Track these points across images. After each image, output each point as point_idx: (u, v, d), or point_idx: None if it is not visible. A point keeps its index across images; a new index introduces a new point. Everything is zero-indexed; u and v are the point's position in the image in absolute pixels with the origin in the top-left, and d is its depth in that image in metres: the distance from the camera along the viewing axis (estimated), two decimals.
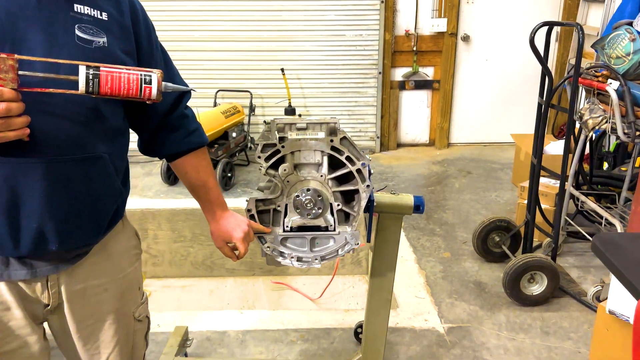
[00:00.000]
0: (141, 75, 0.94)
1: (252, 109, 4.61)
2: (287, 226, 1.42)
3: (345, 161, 1.38)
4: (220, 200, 1.35)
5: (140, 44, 1.11)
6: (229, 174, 4.06)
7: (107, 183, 1.09)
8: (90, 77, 0.90)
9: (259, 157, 1.38)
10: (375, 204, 1.58)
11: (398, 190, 4.33)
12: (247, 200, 1.43)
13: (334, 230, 1.43)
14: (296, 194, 1.37)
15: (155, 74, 0.95)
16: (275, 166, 1.39)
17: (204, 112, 4.05)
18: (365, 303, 1.80)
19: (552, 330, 2.36)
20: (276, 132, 1.37)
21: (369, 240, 1.66)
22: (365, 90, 4.90)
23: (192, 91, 1.23)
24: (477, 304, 2.57)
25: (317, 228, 1.43)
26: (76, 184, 1.02)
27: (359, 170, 1.39)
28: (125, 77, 0.92)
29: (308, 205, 1.37)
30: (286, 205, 1.41)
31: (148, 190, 4.02)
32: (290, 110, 4.63)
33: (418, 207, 1.65)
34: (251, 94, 4.61)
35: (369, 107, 4.95)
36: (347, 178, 1.43)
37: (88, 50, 0.99)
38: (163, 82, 0.96)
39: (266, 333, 2.34)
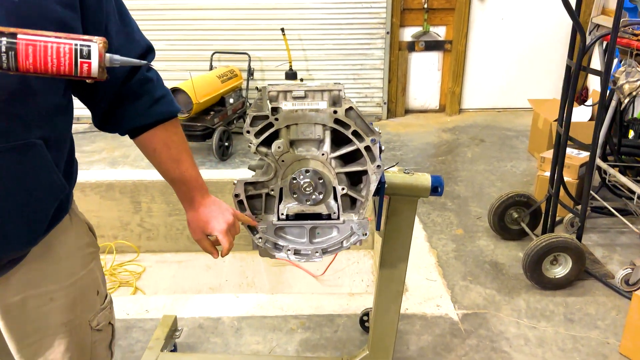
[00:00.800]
0: (76, 45, 0.69)
1: (250, 72, 4.34)
2: (282, 214, 1.20)
3: (351, 137, 1.14)
4: (200, 183, 1.12)
5: None
6: (227, 143, 3.83)
7: (44, 176, 0.87)
8: (4, 48, 0.66)
9: (248, 132, 1.14)
10: (386, 185, 1.35)
11: (406, 162, 4.06)
12: (234, 184, 1.20)
13: (338, 218, 1.21)
14: (293, 176, 1.14)
15: (96, 44, 0.70)
16: (267, 142, 1.15)
17: (199, 76, 3.80)
18: (374, 295, 1.59)
19: (576, 317, 2.16)
20: (268, 101, 1.12)
21: (378, 228, 1.43)
22: (372, 52, 4.59)
23: (153, 54, 0.98)
24: (493, 287, 2.36)
25: (317, 216, 1.21)
26: (0, 181, 0.81)
27: (367, 148, 1.15)
28: (53, 49, 0.68)
29: (307, 189, 1.15)
30: (281, 189, 1.19)
31: (140, 161, 3.79)
32: (291, 74, 4.35)
33: (436, 189, 1.42)
34: (249, 57, 4.32)
35: (376, 71, 4.65)
36: (353, 157, 1.19)
37: (10, 5, 0.74)
38: (108, 55, 0.72)
39: (264, 320, 2.15)
